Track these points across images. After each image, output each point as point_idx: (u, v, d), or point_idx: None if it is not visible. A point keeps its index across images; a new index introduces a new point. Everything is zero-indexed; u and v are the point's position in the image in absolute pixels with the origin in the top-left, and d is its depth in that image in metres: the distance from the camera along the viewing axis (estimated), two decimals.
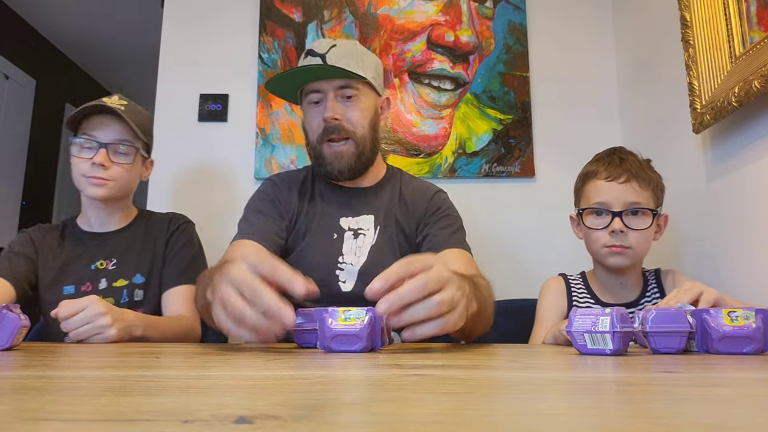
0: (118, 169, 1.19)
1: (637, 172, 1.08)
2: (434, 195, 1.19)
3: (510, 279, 1.55)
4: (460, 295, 0.67)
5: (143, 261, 1.23)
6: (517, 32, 1.83)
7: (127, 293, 1.19)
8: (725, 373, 0.46)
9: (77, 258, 1.21)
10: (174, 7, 1.88)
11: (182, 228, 1.29)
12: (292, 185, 1.18)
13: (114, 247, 1.24)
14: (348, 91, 1.09)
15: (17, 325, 0.65)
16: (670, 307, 0.70)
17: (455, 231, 1.13)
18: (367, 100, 1.12)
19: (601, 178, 1.10)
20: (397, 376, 0.40)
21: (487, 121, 1.78)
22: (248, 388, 0.34)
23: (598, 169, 1.12)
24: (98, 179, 1.17)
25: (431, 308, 0.63)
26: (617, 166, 1.10)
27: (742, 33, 1.15)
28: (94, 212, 1.25)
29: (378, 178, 1.21)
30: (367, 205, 1.16)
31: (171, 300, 1.20)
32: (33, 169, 3.62)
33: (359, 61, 1.09)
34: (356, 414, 0.25)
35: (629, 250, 1.08)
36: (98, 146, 1.16)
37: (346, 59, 1.08)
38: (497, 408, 0.29)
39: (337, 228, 1.13)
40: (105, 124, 1.18)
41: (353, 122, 1.09)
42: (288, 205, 1.15)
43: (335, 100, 1.09)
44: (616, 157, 1.12)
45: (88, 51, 3.97)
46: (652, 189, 1.11)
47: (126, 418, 0.24)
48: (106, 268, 1.21)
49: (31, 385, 0.35)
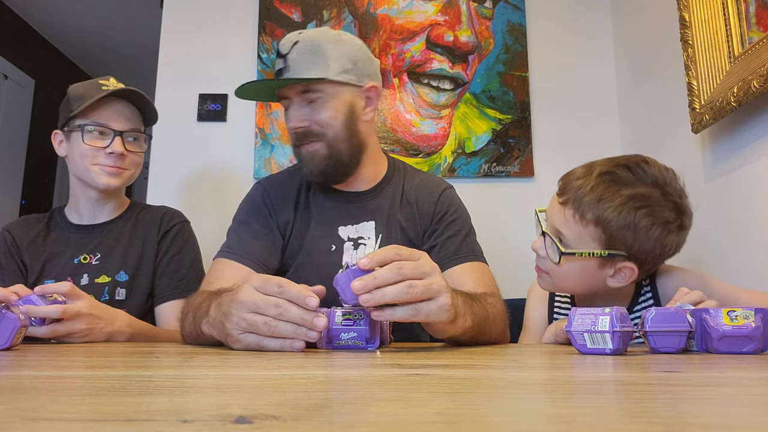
0: (133, 157, 1.16)
1: (579, 201, 0.87)
2: (441, 195, 1.11)
3: (509, 279, 1.54)
4: (440, 288, 0.67)
5: (129, 258, 1.16)
6: (517, 32, 1.83)
7: (108, 291, 1.12)
8: (725, 372, 0.46)
9: (61, 251, 1.16)
10: (173, 7, 1.88)
11: (176, 229, 1.22)
12: (285, 193, 1.11)
13: (99, 240, 1.17)
14: (310, 95, 1.02)
15: (17, 325, 0.65)
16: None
17: (465, 237, 1.08)
18: (335, 98, 1.02)
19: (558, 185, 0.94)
20: (397, 376, 0.40)
21: (486, 121, 1.79)
22: (248, 388, 0.34)
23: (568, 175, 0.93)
24: (115, 168, 1.13)
25: (401, 290, 0.64)
26: (569, 182, 0.90)
27: (741, 33, 1.15)
28: (88, 202, 1.19)
29: (378, 179, 1.13)
30: (366, 210, 1.10)
31: (166, 315, 1.14)
32: (33, 169, 3.62)
33: (322, 59, 1.01)
34: (356, 414, 0.25)
35: (545, 275, 0.95)
36: (113, 134, 1.12)
37: (307, 60, 1.00)
38: (497, 408, 0.29)
39: (336, 239, 1.07)
40: (118, 112, 1.13)
41: (321, 123, 1.02)
42: (282, 220, 1.08)
43: (300, 106, 1.03)
44: (582, 169, 0.91)
45: (88, 51, 3.97)
46: (597, 229, 0.86)
47: (125, 418, 0.24)
48: (89, 263, 1.15)
49: (31, 385, 0.35)
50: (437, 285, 0.67)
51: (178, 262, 1.19)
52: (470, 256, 1.05)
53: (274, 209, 1.09)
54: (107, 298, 1.12)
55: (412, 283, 0.64)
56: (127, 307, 1.10)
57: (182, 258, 1.19)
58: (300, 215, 1.09)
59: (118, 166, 1.13)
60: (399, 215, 1.09)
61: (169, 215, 1.24)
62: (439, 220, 1.09)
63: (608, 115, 1.81)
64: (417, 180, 1.15)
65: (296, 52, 1.01)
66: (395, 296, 0.64)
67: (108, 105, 1.14)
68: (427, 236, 1.09)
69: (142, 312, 1.13)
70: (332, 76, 1.01)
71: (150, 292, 1.17)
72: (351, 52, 1.04)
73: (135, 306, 1.13)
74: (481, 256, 1.08)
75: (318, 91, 1.01)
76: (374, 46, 1.81)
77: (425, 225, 1.09)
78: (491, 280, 1.03)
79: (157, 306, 1.16)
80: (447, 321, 0.69)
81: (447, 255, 1.04)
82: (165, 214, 1.24)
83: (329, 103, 1.02)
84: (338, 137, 1.03)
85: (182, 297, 1.14)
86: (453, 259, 1.04)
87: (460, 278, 1.00)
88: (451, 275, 1.02)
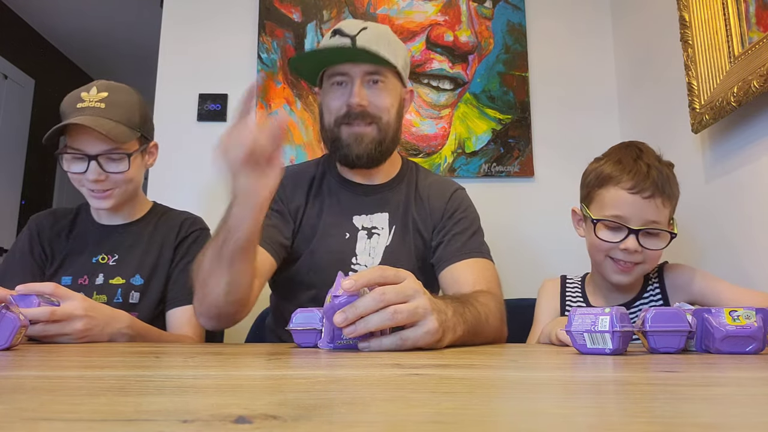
0: (115, 177, 1.10)
1: (662, 187, 0.97)
2: (452, 195, 1.14)
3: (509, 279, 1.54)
4: (425, 311, 0.66)
5: (145, 262, 1.15)
6: (517, 32, 1.83)
7: (122, 293, 1.11)
8: (725, 372, 0.46)
9: (82, 249, 1.15)
10: (173, 6, 1.88)
11: (194, 236, 1.19)
12: (299, 182, 1.13)
13: (118, 241, 1.16)
14: (376, 77, 1.04)
15: (17, 325, 0.65)
16: None
17: (472, 235, 1.09)
18: (394, 89, 1.07)
19: (624, 187, 0.97)
20: (397, 376, 0.40)
21: (486, 121, 1.78)
22: (248, 387, 0.34)
23: (621, 175, 0.98)
24: (99, 192, 1.10)
25: (385, 317, 0.63)
26: (644, 178, 0.96)
27: (741, 33, 1.15)
28: (99, 212, 1.18)
29: (393, 174, 1.15)
30: (381, 202, 1.11)
31: (177, 319, 1.12)
32: (32, 169, 3.62)
33: (392, 48, 1.04)
34: (356, 414, 0.25)
35: (637, 267, 1.00)
36: (87, 159, 1.07)
37: (377, 44, 1.02)
38: (497, 408, 0.29)
39: (350, 227, 1.08)
40: (88, 135, 1.06)
41: (380, 107, 1.04)
42: (293, 205, 1.10)
43: (362, 86, 1.03)
44: (643, 164, 0.98)
45: (87, 51, 3.97)
46: (673, 206, 1.01)
47: (125, 418, 0.24)
48: (106, 263, 1.14)
49: (31, 385, 0.35)
50: (423, 308, 0.66)
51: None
52: (474, 252, 1.05)
53: (286, 196, 1.10)
54: (120, 300, 1.10)
55: (396, 309, 0.63)
56: (139, 311, 1.09)
57: None
58: (312, 202, 1.11)
59: (100, 189, 1.10)
60: (413, 209, 1.11)
61: (189, 222, 1.22)
62: (448, 217, 1.10)
63: (608, 115, 1.81)
64: (430, 179, 1.18)
65: (367, 35, 1.03)
66: (379, 324, 0.63)
67: (79, 130, 1.06)
68: (436, 233, 1.10)
69: (152, 316, 1.12)
70: (399, 68, 1.06)
71: (162, 297, 1.15)
72: (406, 54, 1.11)
73: (147, 310, 1.11)
74: (487, 253, 1.08)
75: (384, 75, 1.04)
76: None
77: (435, 221, 1.11)
78: (491, 276, 1.03)
79: (169, 311, 1.14)
80: (434, 342, 0.68)
81: (451, 251, 1.05)
82: (185, 221, 1.21)
83: (390, 91, 1.06)
84: (390, 125, 1.06)
85: None
86: (456, 255, 1.05)
87: (461, 275, 1.01)
88: (452, 271, 1.03)
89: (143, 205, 1.22)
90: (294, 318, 0.75)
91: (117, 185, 1.11)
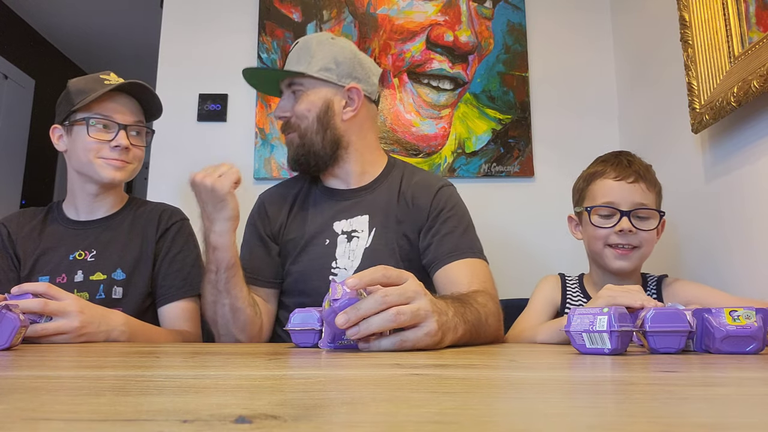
0: (136, 151, 1.16)
1: (644, 174, 1.10)
2: (438, 192, 1.12)
3: (508, 279, 1.55)
4: (426, 312, 0.66)
5: (126, 256, 1.14)
6: (517, 32, 1.83)
7: (104, 289, 1.10)
8: (725, 372, 0.46)
9: (56, 246, 1.14)
10: (173, 6, 1.88)
11: (176, 228, 1.20)
12: (280, 203, 1.18)
13: (96, 236, 1.15)
14: (294, 88, 1.12)
15: (16, 325, 0.65)
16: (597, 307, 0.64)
17: (462, 233, 1.08)
18: (314, 94, 1.10)
19: (609, 177, 1.10)
20: (397, 376, 0.40)
21: (486, 121, 1.79)
22: (248, 387, 0.34)
23: (605, 169, 1.12)
24: (120, 161, 1.13)
25: (387, 318, 0.63)
26: (626, 167, 1.10)
27: (741, 33, 1.15)
28: (86, 198, 1.17)
29: (375, 175, 1.16)
30: (361, 205, 1.12)
31: (171, 315, 1.12)
32: (32, 169, 3.62)
33: (308, 56, 1.10)
34: (356, 414, 0.25)
35: (635, 251, 1.08)
36: (118, 127, 1.12)
37: (297, 57, 1.12)
38: (497, 408, 0.29)
39: (331, 233, 1.10)
40: (122, 105, 1.14)
41: (297, 114, 1.11)
42: (275, 226, 1.15)
43: (286, 98, 1.13)
44: (624, 158, 1.13)
45: (88, 51, 3.97)
46: (657, 192, 1.12)
47: (125, 418, 0.24)
48: (84, 259, 1.12)
49: (31, 385, 0.35)
50: (424, 310, 0.66)
51: (181, 261, 1.17)
52: (467, 252, 1.05)
53: (268, 220, 1.17)
54: (103, 296, 1.10)
55: (399, 310, 0.64)
56: (124, 306, 1.09)
57: (185, 257, 1.18)
58: (294, 217, 1.16)
59: (123, 159, 1.13)
60: (396, 211, 1.11)
61: (168, 213, 1.22)
62: (435, 217, 1.09)
63: (608, 114, 1.81)
64: (416, 178, 1.16)
65: (293, 50, 1.14)
66: (381, 325, 0.64)
67: (111, 98, 1.14)
68: (424, 233, 1.09)
69: (139, 311, 1.11)
70: (311, 72, 1.09)
71: (148, 291, 1.15)
72: (336, 53, 1.12)
73: (132, 305, 1.11)
74: (480, 252, 1.08)
75: (299, 84, 1.11)
76: (374, 46, 1.81)
77: (421, 222, 1.10)
78: (486, 277, 1.03)
79: (162, 306, 1.14)
80: (434, 344, 0.69)
81: (443, 252, 1.05)
82: (164, 212, 1.22)
83: (307, 97, 1.10)
84: (311, 129, 1.10)
85: (187, 296, 1.14)
86: (449, 256, 1.04)
87: (455, 276, 1.01)
88: (446, 272, 1.03)
89: (121, 199, 1.23)
90: (292, 318, 0.75)
91: (133, 160, 1.17)
